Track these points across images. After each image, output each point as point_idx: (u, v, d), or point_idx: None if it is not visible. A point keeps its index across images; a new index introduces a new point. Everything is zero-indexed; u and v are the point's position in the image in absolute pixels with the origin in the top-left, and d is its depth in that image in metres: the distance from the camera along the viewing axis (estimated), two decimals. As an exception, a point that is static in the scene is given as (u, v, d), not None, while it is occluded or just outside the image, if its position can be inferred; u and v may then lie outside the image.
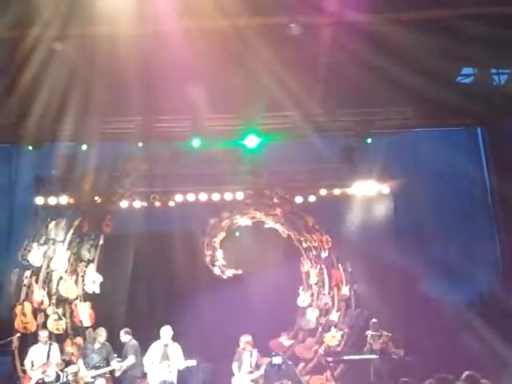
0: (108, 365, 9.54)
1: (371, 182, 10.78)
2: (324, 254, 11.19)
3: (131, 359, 9.45)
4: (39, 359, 9.41)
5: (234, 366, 9.48)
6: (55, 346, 9.70)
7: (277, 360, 3.04)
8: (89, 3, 7.96)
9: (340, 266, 11.03)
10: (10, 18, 8.47)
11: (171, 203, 11.46)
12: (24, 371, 9.85)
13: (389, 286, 10.44)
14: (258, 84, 9.65)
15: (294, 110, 10.28)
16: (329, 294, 11.07)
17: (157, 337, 9.47)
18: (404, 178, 10.71)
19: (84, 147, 11.33)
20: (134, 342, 9.87)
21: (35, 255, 10.87)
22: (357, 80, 9.59)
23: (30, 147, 11.29)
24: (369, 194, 10.90)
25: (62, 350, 10.19)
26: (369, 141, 10.25)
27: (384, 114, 10.24)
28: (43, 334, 9.76)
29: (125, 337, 10.04)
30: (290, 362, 3.56)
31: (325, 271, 11.20)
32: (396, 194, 10.95)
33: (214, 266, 11.55)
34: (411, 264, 11.01)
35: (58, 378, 9.40)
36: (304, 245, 11.45)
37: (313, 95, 9.84)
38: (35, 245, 10.95)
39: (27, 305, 10.64)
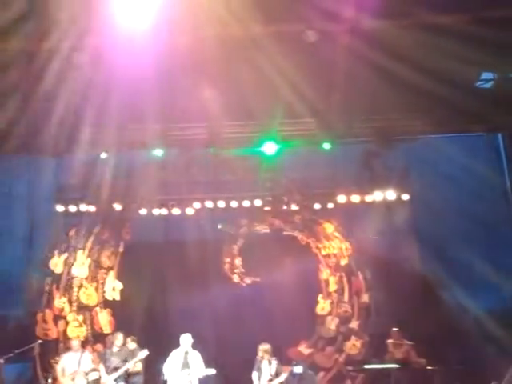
0: None
1: (390, 189, 10.66)
2: (343, 262, 11.08)
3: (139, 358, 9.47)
4: (70, 367, 9.36)
5: (254, 375, 9.40)
6: (86, 355, 9.53)
7: (298, 369, 3.00)
8: (105, 15, 8.07)
9: (360, 273, 10.91)
10: (26, 31, 8.63)
11: (189, 210, 11.50)
12: (46, 378, 9.95)
13: (409, 294, 10.30)
14: (275, 91, 9.64)
15: (313, 117, 10.24)
16: (349, 301, 10.96)
17: (176, 344, 9.47)
18: (424, 185, 10.57)
19: (103, 155, 11.48)
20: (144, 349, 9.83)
21: (56, 262, 11.02)
22: (375, 86, 9.48)
23: (50, 156, 11.46)
24: (388, 200, 10.77)
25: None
26: (388, 147, 10.12)
27: (403, 121, 10.09)
28: (75, 343, 9.58)
29: (131, 344, 10.03)
30: (310, 372, 3.52)
31: (344, 279, 11.09)
32: (416, 201, 10.80)
33: (233, 273, 11.54)
34: (432, 271, 10.90)
35: (79, 384, 9.45)
36: (323, 252, 11.37)
37: (331, 102, 9.77)
38: (56, 252, 11.10)
39: (48, 312, 10.79)
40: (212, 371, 8.91)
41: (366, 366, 9.53)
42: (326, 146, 10.28)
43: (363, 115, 10.07)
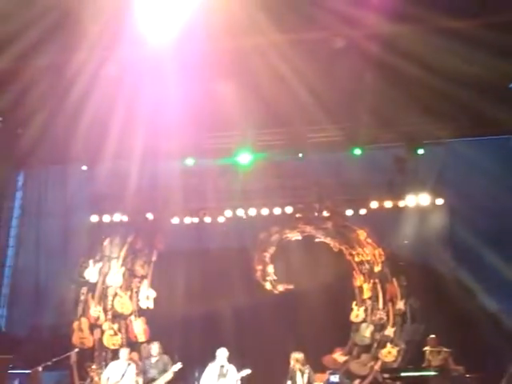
0: None
1: (424, 194, 10.52)
2: (377, 268, 10.94)
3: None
4: (114, 376, 9.38)
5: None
6: (132, 367, 9.45)
7: (335, 378, 2.95)
8: (132, 27, 8.23)
9: (394, 279, 10.75)
10: (56, 46, 8.87)
11: (221, 219, 11.55)
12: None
13: (446, 300, 10.12)
14: (304, 98, 9.66)
15: (344, 123, 10.22)
16: (383, 308, 10.79)
17: (209, 352, 9.48)
18: (458, 189, 10.41)
19: (135, 165, 11.65)
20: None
21: (91, 272, 11.17)
22: (407, 90, 9.46)
23: (85, 167, 11.68)
24: (422, 205, 10.62)
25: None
26: (421, 151, 10.01)
27: (436, 124, 9.97)
28: (124, 352, 9.58)
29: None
30: (347, 380, 3.49)
31: (378, 285, 10.94)
32: (451, 206, 10.63)
33: (265, 280, 11.51)
34: (468, 277, 10.69)
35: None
36: (356, 259, 11.26)
37: (362, 107, 9.74)
38: (91, 262, 11.25)
39: (84, 320, 10.92)
40: (247, 371, 8.90)
41: (403, 374, 9.37)
42: (357, 151, 10.24)
43: (396, 119, 10.00)
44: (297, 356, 9.17)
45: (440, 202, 10.58)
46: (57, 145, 11.58)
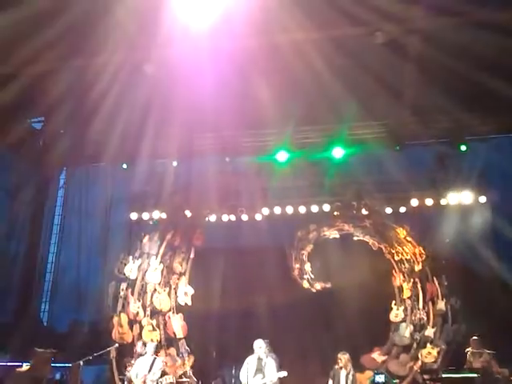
0: None
1: (467, 191, 10.28)
2: (417, 267, 10.72)
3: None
4: (142, 370, 9.60)
5: (330, 383, 9.31)
6: (159, 360, 9.68)
7: (380, 378, 2.90)
8: (170, 25, 8.32)
9: (435, 279, 10.51)
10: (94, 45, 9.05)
11: (258, 216, 11.56)
12: (122, 380, 10.23)
13: (488, 300, 9.86)
14: (343, 94, 9.58)
15: (384, 119, 10.09)
16: (423, 308, 10.57)
17: (247, 348, 9.50)
18: (503, 187, 10.13)
19: (174, 163, 11.79)
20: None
21: (131, 268, 11.32)
22: (449, 86, 9.28)
23: (124, 165, 11.88)
24: (464, 203, 10.38)
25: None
26: (464, 148, 9.79)
27: (479, 119, 9.74)
28: (150, 346, 9.75)
29: (142, 348, 10.11)
30: (395, 381, 3.42)
31: (419, 285, 10.72)
32: (494, 204, 10.35)
33: (302, 279, 11.44)
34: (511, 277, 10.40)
35: (154, 388, 9.64)
36: (396, 257, 11.05)
37: (403, 103, 9.60)
38: (130, 258, 11.41)
39: (123, 316, 11.06)
40: (284, 373, 8.88)
41: (443, 375, 9.18)
42: (398, 149, 10.09)
43: (438, 115, 9.82)
44: (344, 356, 9.10)
45: (483, 199, 10.31)
46: (97, 144, 11.84)
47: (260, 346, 9.07)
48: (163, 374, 10.08)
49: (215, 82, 9.50)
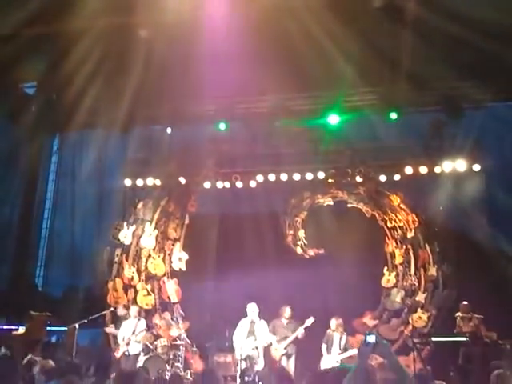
0: None
1: (461, 159, 10.31)
2: (410, 234, 10.82)
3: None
4: (127, 333, 9.86)
5: (323, 347, 9.50)
6: (142, 322, 10.09)
7: (371, 338, 2.97)
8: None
9: (427, 245, 10.63)
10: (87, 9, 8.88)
11: (252, 183, 11.57)
12: (116, 343, 10.39)
13: (480, 267, 9.98)
14: (339, 61, 9.49)
15: (379, 86, 10.03)
16: (415, 274, 10.71)
17: (241, 313, 9.66)
18: (497, 155, 10.16)
19: (168, 130, 11.72)
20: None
21: (125, 234, 11.37)
22: (446, 52, 9.21)
23: (121, 131, 11.79)
24: (458, 171, 10.42)
25: (150, 324, 10.69)
26: (459, 115, 9.76)
27: (476, 87, 9.69)
28: (133, 310, 10.23)
29: (122, 311, 10.25)
30: (385, 341, 3.48)
31: (411, 251, 10.84)
32: (488, 172, 10.39)
33: (296, 245, 11.54)
34: (504, 244, 10.52)
35: (147, 350, 9.82)
36: (389, 224, 11.14)
37: (399, 69, 9.53)
38: (125, 224, 11.44)
39: (118, 281, 11.16)
40: (273, 338, 9.08)
41: (433, 339, 9.36)
42: (393, 116, 10.06)
43: (434, 82, 9.76)
44: (338, 321, 9.30)
45: (477, 167, 10.35)
46: (91, 109, 11.72)
47: (253, 309, 9.26)
48: (157, 337, 10.28)
49: (211, 47, 9.40)
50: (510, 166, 10.21)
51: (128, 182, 11.98)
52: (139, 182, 11.87)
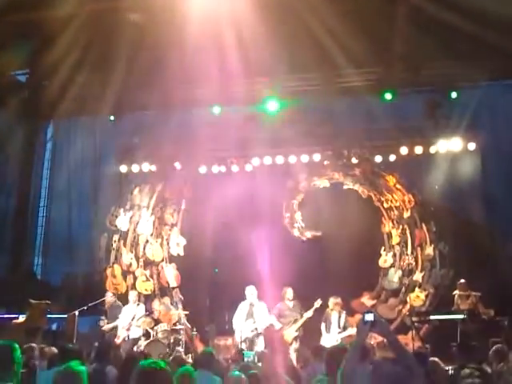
0: None
1: (456, 139, 10.31)
2: (406, 214, 10.87)
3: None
4: (127, 318, 9.92)
5: (322, 326, 9.57)
6: (141, 307, 10.18)
7: (369, 317, 2.98)
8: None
9: (424, 225, 10.68)
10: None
11: (248, 167, 11.55)
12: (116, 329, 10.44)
13: (476, 246, 10.06)
14: (332, 42, 9.43)
15: (374, 67, 9.98)
16: (412, 254, 10.80)
17: (240, 296, 9.71)
18: (492, 134, 10.16)
19: (162, 115, 11.65)
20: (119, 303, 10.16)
21: (122, 220, 11.39)
22: (440, 32, 9.16)
23: (112, 117, 11.72)
24: (454, 151, 10.43)
25: (150, 310, 10.74)
26: (454, 95, 9.75)
27: (470, 66, 9.65)
28: (132, 295, 10.29)
29: (111, 298, 10.29)
30: (383, 320, 3.50)
31: (407, 231, 10.91)
32: (484, 151, 10.42)
33: (292, 227, 11.57)
34: (499, 223, 10.59)
35: (147, 334, 9.89)
36: (385, 205, 11.18)
37: (394, 50, 9.48)
38: (121, 211, 11.44)
39: (117, 267, 11.20)
40: (271, 319, 9.15)
41: (431, 317, 9.44)
42: (388, 96, 10.04)
43: (429, 62, 9.72)
44: (336, 300, 9.37)
45: (472, 147, 10.38)
46: (84, 95, 11.63)
47: (252, 292, 9.31)
48: (157, 322, 10.34)
49: (203, 30, 9.31)
50: (505, 145, 10.19)
51: (123, 168, 11.95)
52: (135, 168, 11.84)
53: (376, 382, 2.97)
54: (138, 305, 10.16)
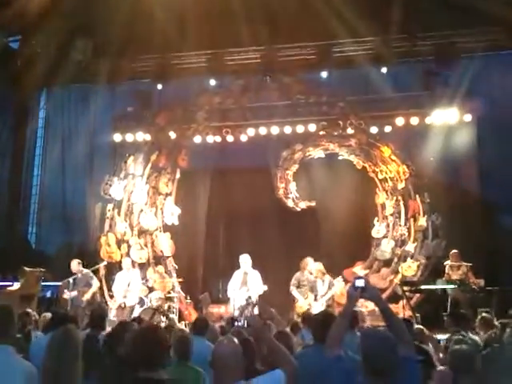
0: None
1: (452, 110, 10.27)
2: (400, 185, 10.88)
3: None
4: (122, 285, 9.98)
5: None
6: (136, 273, 10.26)
7: (360, 282, 3.00)
8: None
9: (417, 196, 10.71)
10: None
11: (243, 137, 11.49)
12: (111, 296, 10.53)
13: (469, 217, 10.12)
14: (330, 11, 9.31)
15: (371, 36, 9.87)
16: (405, 224, 10.84)
17: (234, 264, 9.78)
18: (489, 105, 10.11)
19: (158, 84, 11.54)
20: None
21: (116, 189, 11.33)
22: (437, 2, 9.06)
23: (107, 85, 11.60)
24: (449, 122, 10.39)
25: (145, 278, 10.83)
26: (451, 66, 9.67)
27: (469, 36, 9.57)
28: (126, 262, 10.33)
29: (78, 267, 10.10)
30: (373, 286, 3.53)
31: (401, 202, 10.94)
32: (479, 122, 10.39)
33: (287, 198, 11.56)
34: (493, 194, 10.64)
35: (142, 302, 9.99)
36: (380, 176, 11.17)
37: (392, 19, 9.37)
38: (116, 179, 11.39)
39: (111, 236, 11.19)
40: (264, 288, 9.23)
41: (422, 287, 9.54)
42: (385, 67, 9.97)
43: (427, 31, 9.62)
44: (318, 267, 9.43)
45: (468, 118, 10.34)
46: (77, 63, 11.48)
47: (246, 260, 9.36)
48: (151, 290, 10.43)
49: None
50: (501, 117, 10.15)
51: (118, 137, 11.86)
52: (129, 137, 11.75)
53: (364, 349, 2.99)
54: (133, 271, 10.22)
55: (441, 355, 5.35)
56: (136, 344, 2.97)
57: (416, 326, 5.85)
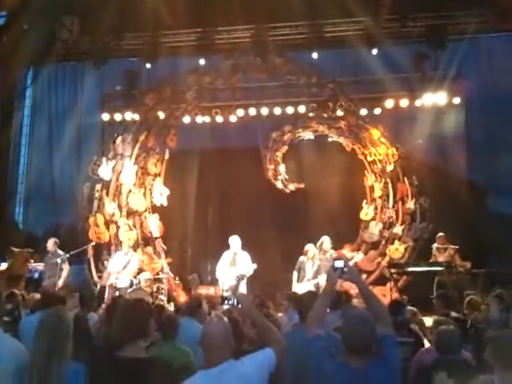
0: None
1: (442, 92, 10.27)
2: (389, 168, 10.91)
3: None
4: (117, 266, 9.94)
5: (294, 275, 9.66)
6: (135, 258, 10.13)
7: (339, 263, 3.02)
8: None
9: (406, 179, 10.75)
10: None
11: (233, 118, 11.43)
12: (100, 277, 10.52)
13: (456, 200, 10.19)
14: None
15: (361, 16, 9.79)
16: (393, 207, 10.91)
17: (223, 246, 9.78)
18: (478, 87, 10.12)
19: (147, 63, 11.38)
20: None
21: (105, 170, 11.24)
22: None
23: (95, 64, 11.42)
24: (439, 104, 10.40)
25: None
26: (441, 48, 9.63)
27: (459, 18, 9.52)
28: (125, 247, 10.26)
29: (54, 247, 9.98)
30: (353, 266, 3.54)
31: (389, 185, 10.99)
32: (468, 105, 10.41)
33: (276, 180, 11.57)
34: (481, 177, 10.71)
35: (131, 284, 9.96)
36: (369, 158, 11.19)
37: (381, 1, 9.30)
38: (104, 160, 11.29)
39: (99, 216, 11.13)
40: (253, 267, 9.25)
41: (409, 269, 9.63)
42: (375, 48, 9.92)
43: (417, 13, 9.57)
44: (306, 248, 9.47)
45: (457, 101, 10.35)
46: (64, 42, 11.30)
47: (235, 241, 9.36)
48: (140, 271, 10.42)
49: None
50: (490, 99, 10.17)
51: (106, 117, 11.76)
52: (117, 117, 11.65)
53: (343, 327, 3.04)
54: (132, 255, 10.12)
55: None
56: (120, 317, 3.03)
57: (409, 308, 5.90)
